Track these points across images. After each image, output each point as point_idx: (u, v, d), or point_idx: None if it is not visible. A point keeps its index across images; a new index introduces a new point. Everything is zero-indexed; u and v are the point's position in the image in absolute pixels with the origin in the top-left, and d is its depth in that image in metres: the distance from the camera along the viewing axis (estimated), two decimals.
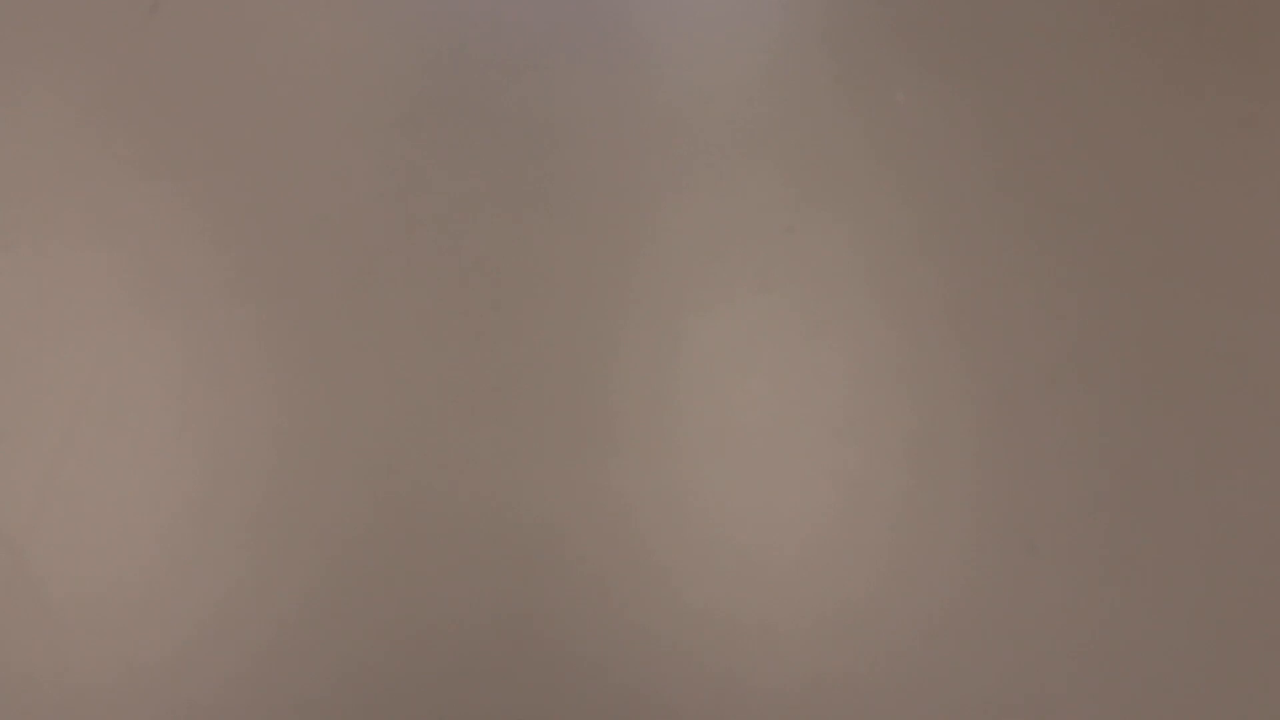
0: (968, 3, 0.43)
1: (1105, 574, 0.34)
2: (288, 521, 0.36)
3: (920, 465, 0.36)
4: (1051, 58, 0.42)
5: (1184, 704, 0.33)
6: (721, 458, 0.36)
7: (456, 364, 0.37)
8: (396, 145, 0.41)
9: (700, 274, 0.39)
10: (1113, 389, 0.37)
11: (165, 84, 0.42)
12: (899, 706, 0.33)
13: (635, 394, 0.37)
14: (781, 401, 0.37)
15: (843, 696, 0.33)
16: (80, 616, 0.35)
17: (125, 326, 0.38)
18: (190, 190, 0.40)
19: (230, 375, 0.37)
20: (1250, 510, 0.35)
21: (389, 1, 0.44)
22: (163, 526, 0.36)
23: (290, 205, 0.40)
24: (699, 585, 0.35)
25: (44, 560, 0.35)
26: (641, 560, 0.35)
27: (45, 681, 0.34)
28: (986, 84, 0.42)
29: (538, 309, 0.38)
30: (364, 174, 0.41)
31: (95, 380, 0.37)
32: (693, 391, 0.37)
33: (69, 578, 0.35)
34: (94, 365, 0.38)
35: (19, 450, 0.37)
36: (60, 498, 0.36)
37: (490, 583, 0.35)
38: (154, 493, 0.36)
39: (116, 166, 0.41)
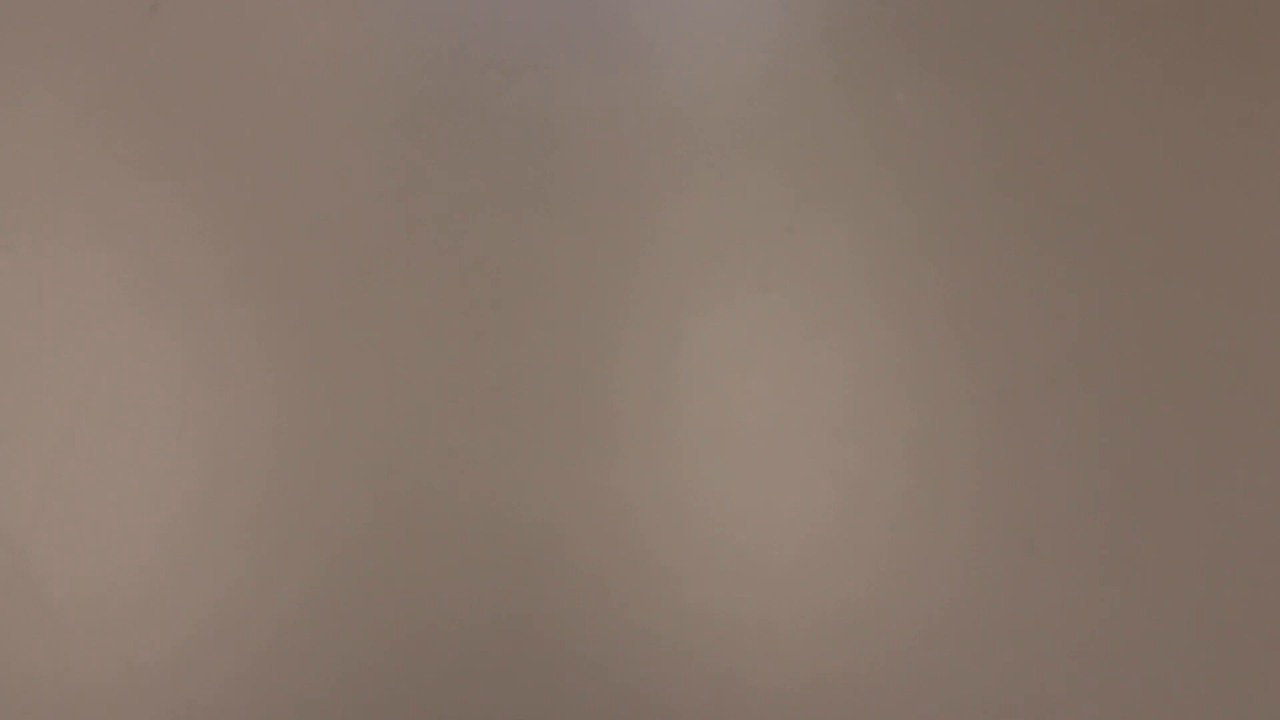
0: (968, 3, 0.43)
1: (1105, 574, 0.34)
2: (288, 521, 0.36)
3: (920, 465, 0.36)
4: (1051, 58, 0.42)
5: (1184, 704, 0.33)
6: (721, 458, 0.36)
7: (456, 364, 0.37)
8: (396, 145, 0.41)
9: (700, 274, 0.39)
10: (1113, 389, 0.37)
11: (165, 84, 0.42)
12: (899, 706, 0.33)
13: (635, 394, 0.37)
14: (781, 401, 0.37)
15: (843, 696, 0.33)
16: (80, 616, 0.35)
17: (125, 326, 0.38)
18: (190, 190, 0.40)
19: (230, 375, 0.37)
20: (1250, 510, 0.35)
21: (389, 1, 0.44)
22: (163, 526, 0.36)
23: (290, 205, 0.40)
24: (699, 585, 0.35)
25: (44, 560, 0.35)
26: (641, 560, 0.35)
27: (45, 681, 0.34)
28: (986, 84, 0.42)
29: (538, 309, 0.38)
30: (364, 174, 0.41)
31: (95, 380, 0.37)
32: (693, 391, 0.37)
33: (69, 578, 0.35)
34: (94, 365, 0.38)
35: (19, 450, 0.37)
36: (60, 498, 0.36)
37: (490, 583, 0.35)
38: (154, 493, 0.36)
39: (116, 166, 0.41)
